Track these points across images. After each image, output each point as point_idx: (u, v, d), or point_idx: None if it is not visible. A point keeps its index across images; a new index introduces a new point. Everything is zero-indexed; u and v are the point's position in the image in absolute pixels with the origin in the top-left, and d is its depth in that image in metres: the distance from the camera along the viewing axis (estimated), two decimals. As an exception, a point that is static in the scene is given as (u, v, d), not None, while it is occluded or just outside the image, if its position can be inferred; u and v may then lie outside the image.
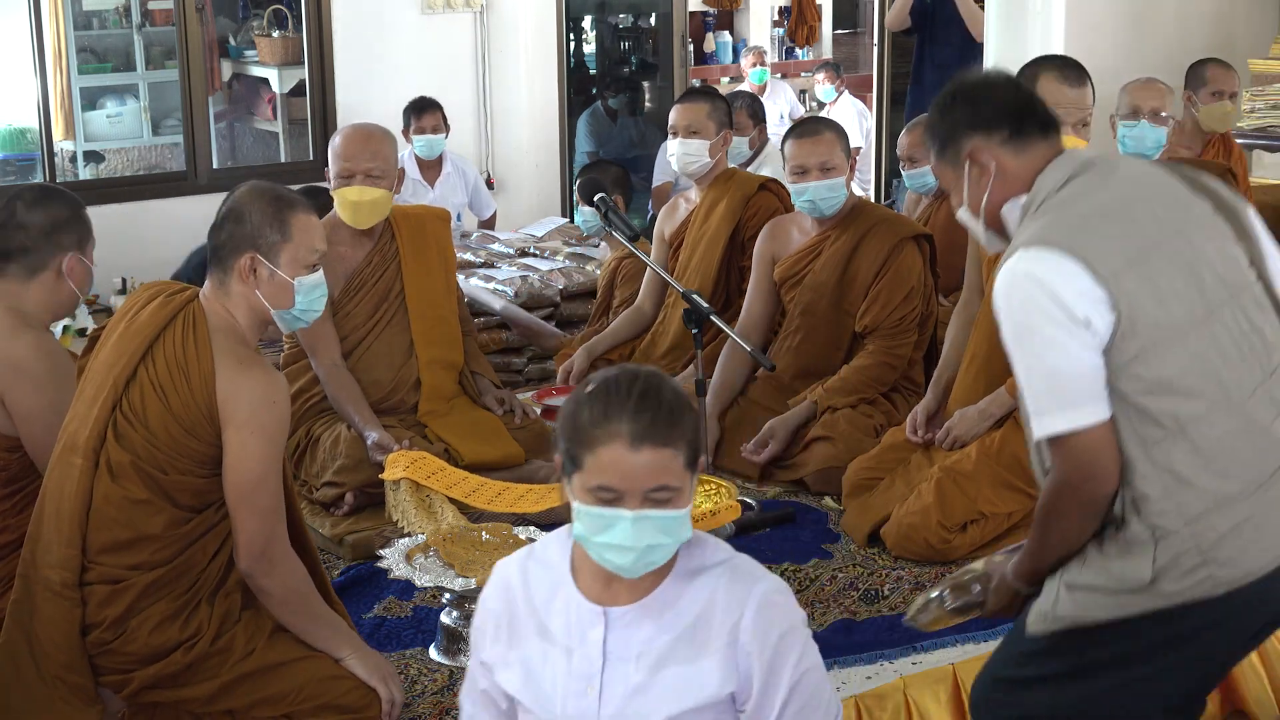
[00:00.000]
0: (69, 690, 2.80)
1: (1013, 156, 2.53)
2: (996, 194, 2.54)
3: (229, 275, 2.90)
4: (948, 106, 2.62)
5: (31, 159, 8.00)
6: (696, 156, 4.93)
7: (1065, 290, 2.31)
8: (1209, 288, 2.38)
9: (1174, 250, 2.39)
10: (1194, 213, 2.46)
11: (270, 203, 2.92)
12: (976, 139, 2.55)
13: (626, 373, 2.18)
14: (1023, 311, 2.36)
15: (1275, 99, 8.54)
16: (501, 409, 4.42)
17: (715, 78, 10.94)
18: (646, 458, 2.11)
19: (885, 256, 4.38)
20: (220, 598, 2.89)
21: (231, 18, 8.98)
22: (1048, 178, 2.49)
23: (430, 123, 6.73)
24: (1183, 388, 2.33)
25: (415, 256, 4.34)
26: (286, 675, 2.88)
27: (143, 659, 2.82)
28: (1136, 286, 2.33)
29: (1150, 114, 4.89)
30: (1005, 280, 2.38)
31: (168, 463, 2.81)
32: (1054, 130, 2.56)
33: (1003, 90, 2.60)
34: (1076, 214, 2.41)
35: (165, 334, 2.85)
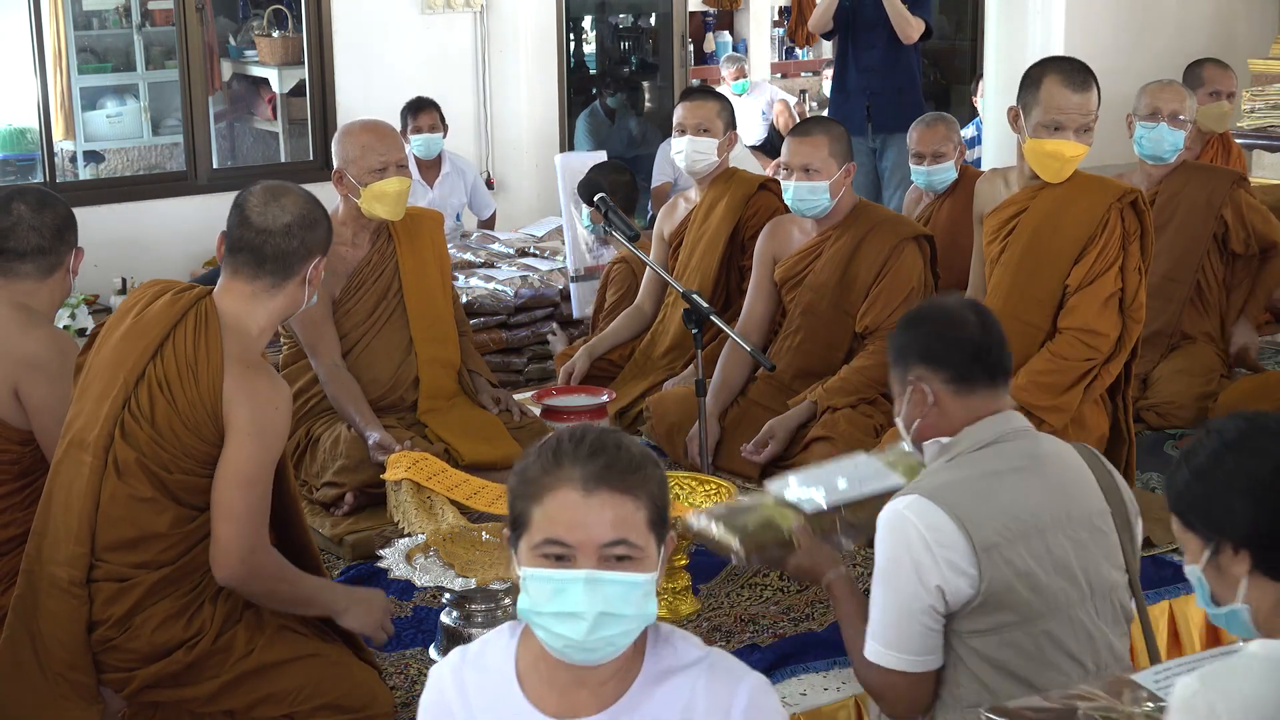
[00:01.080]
0: (71, 688, 2.80)
1: (952, 398, 2.62)
2: (928, 427, 2.66)
3: (290, 279, 2.91)
4: (914, 323, 2.70)
5: (31, 159, 8.01)
6: (706, 155, 4.93)
7: (937, 550, 2.45)
8: (1068, 585, 2.52)
9: (1053, 542, 2.52)
10: (1090, 510, 2.60)
11: (323, 209, 3.00)
12: (924, 369, 2.64)
13: (580, 426, 1.99)
14: (894, 550, 2.49)
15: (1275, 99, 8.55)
16: (498, 408, 4.42)
17: (715, 78, 10.94)
18: (601, 505, 1.86)
19: (886, 257, 4.38)
20: (223, 598, 2.89)
21: (231, 18, 8.98)
22: (975, 433, 2.59)
23: (427, 122, 6.73)
24: (1018, 670, 2.48)
25: (413, 256, 4.36)
26: (287, 674, 2.88)
27: (145, 657, 2.82)
28: (1004, 568, 2.46)
29: (1169, 117, 4.87)
30: (890, 516, 2.52)
31: (171, 462, 2.81)
32: (1003, 379, 2.65)
33: (967, 330, 2.64)
34: (979, 479, 2.53)
35: (176, 331, 2.85)
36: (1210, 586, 1.95)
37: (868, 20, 6.87)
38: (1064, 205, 3.90)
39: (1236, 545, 1.91)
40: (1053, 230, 3.90)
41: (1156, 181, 5.00)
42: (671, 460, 4.48)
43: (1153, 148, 4.91)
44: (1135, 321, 3.89)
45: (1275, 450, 1.91)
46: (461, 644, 3.22)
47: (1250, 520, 1.89)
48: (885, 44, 6.85)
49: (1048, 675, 2.48)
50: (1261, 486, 1.88)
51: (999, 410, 2.63)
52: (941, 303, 2.75)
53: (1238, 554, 1.90)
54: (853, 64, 6.97)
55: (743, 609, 3.49)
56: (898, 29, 6.71)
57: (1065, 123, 3.85)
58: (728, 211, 4.90)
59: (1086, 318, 3.83)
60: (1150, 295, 4.96)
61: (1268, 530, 1.88)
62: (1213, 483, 1.93)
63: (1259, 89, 8.64)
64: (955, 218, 5.39)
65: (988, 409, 2.62)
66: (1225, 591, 1.93)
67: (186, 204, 7.35)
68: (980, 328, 2.64)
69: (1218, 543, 1.92)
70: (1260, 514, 1.88)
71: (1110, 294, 3.85)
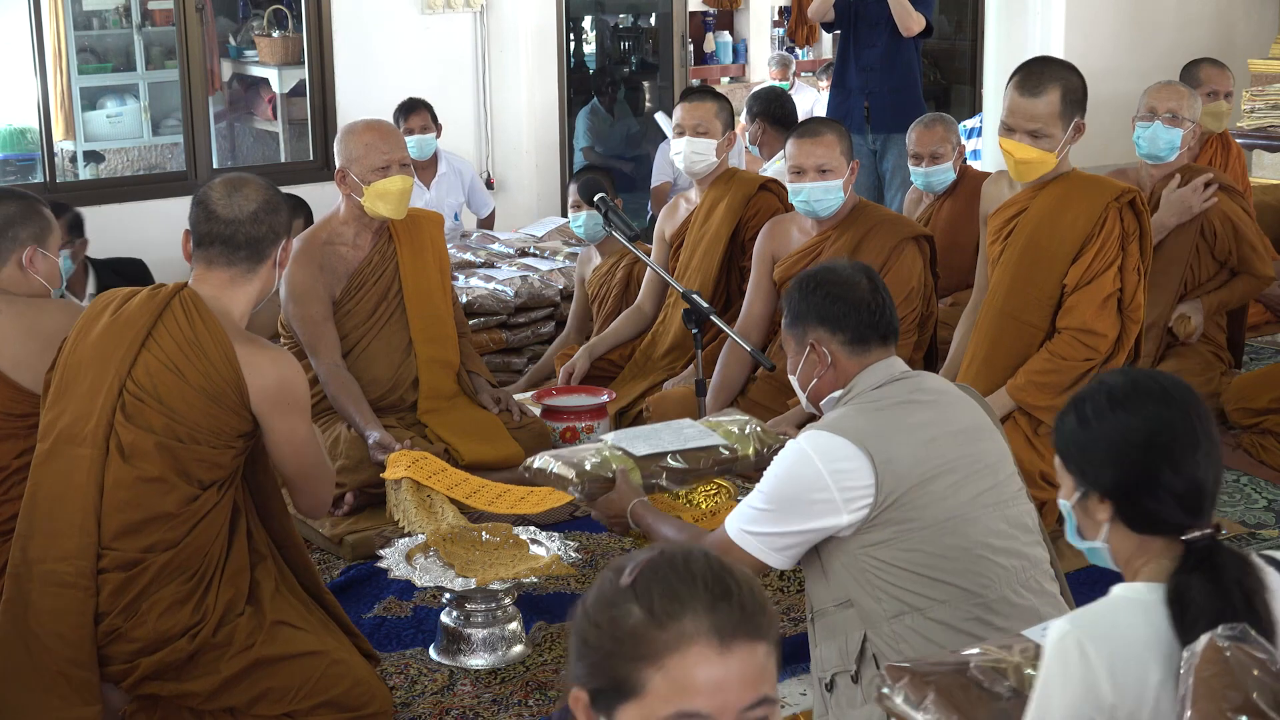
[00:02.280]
0: (71, 687, 2.81)
1: (848, 358, 2.78)
2: (825, 385, 2.81)
3: (263, 263, 3.03)
4: (811, 288, 2.82)
5: (31, 159, 8.01)
6: (704, 155, 4.93)
7: (832, 480, 2.60)
8: (966, 487, 2.65)
9: (947, 452, 2.66)
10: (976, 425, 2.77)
11: (277, 191, 3.10)
12: (822, 331, 2.78)
13: (669, 552, 1.58)
14: (790, 477, 2.65)
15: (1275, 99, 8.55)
16: (498, 408, 4.43)
17: (715, 78, 10.94)
18: (740, 661, 1.50)
19: (885, 256, 4.38)
20: (226, 582, 2.92)
21: (231, 18, 8.98)
22: (865, 378, 2.76)
23: (418, 123, 6.72)
24: (928, 571, 2.60)
25: (413, 257, 4.36)
26: (287, 671, 2.89)
27: (149, 645, 2.84)
28: (903, 479, 2.60)
29: (1165, 115, 4.86)
30: (790, 449, 2.67)
31: (188, 434, 2.87)
32: (892, 339, 2.81)
33: (861, 293, 2.78)
34: (873, 410, 2.70)
35: (164, 319, 2.92)
36: (1077, 522, 2.12)
37: (869, 18, 6.86)
38: (1062, 206, 3.90)
39: (1101, 495, 2.06)
40: (1051, 230, 3.90)
41: (1156, 181, 4.99)
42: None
43: (1149, 147, 4.91)
44: (1134, 321, 3.89)
45: (1151, 413, 2.04)
46: (462, 643, 3.25)
47: (1115, 476, 2.04)
48: (886, 43, 6.84)
49: (961, 570, 2.60)
50: (1130, 446, 2.03)
51: (885, 360, 2.79)
52: (833, 267, 2.86)
53: (1102, 502, 2.06)
54: (853, 62, 6.97)
55: (743, 609, 3.48)
56: (898, 20, 6.71)
57: (1014, 125, 3.90)
58: (728, 212, 4.90)
59: (1085, 318, 3.83)
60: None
61: (1129, 487, 2.03)
62: (1090, 434, 2.07)
63: (1259, 89, 8.64)
64: (955, 217, 5.39)
65: (878, 360, 2.78)
66: (1090, 530, 2.10)
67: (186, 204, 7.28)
68: (871, 290, 2.79)
69: (1086, 489, 2.08)
70: (1125, 472, 2.03)
71: (1109, 294, 3.85)
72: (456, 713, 3.07)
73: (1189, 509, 2.00)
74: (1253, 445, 4.52)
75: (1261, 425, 4.55)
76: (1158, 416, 2.03)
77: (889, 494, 2.59)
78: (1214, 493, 2.04)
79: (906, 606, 2.59)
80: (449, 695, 3.13)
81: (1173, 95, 4.88)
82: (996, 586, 2.62)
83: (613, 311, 5.27)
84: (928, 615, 2.59)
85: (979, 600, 2.60)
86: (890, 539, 2.60)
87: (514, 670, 3.22)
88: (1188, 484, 2.00)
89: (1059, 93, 3.86)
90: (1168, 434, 2.01)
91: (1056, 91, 3.86)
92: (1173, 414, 2.03)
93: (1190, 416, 2.03)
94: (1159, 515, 2.01)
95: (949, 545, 2.60)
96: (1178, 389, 2.07)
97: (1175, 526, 2.00)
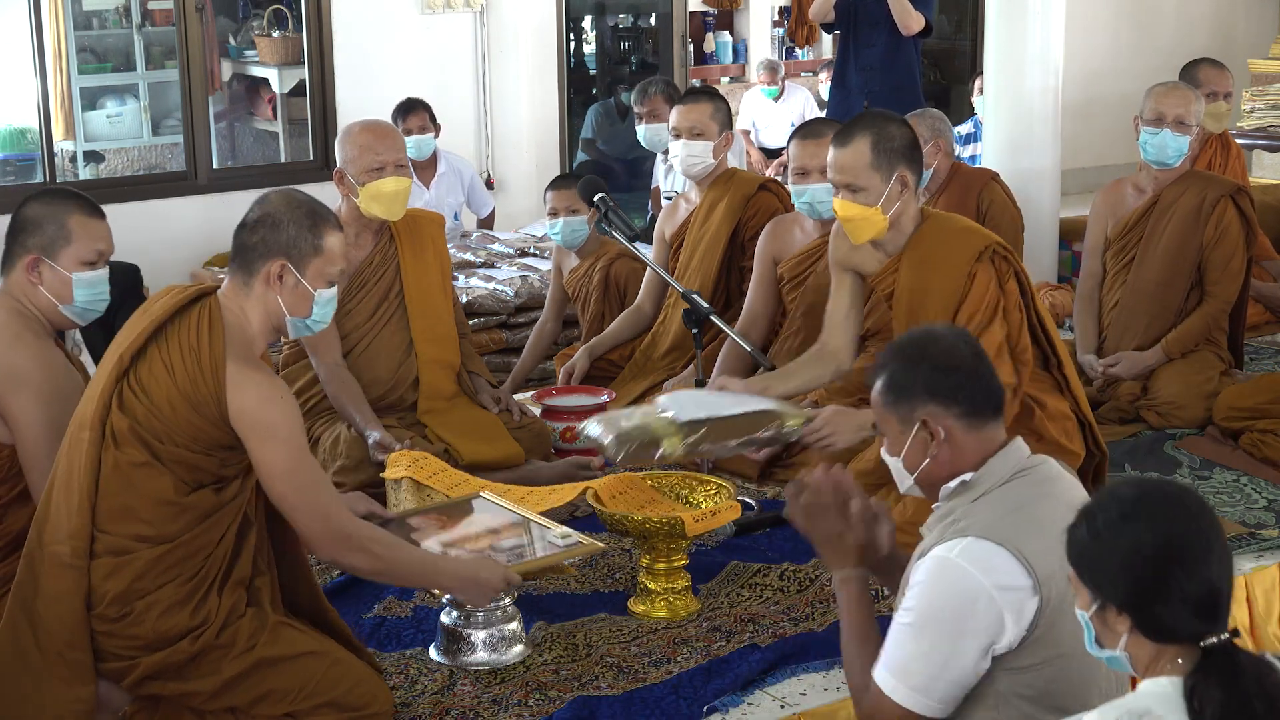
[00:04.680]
0: (67, 668, 2.82)
1: (965, 433, 2.57)
2: (940, 466, 2.58)
3: (254, 277, 2.97)
4: (912, 359, 2.60)
5: (31, 159, 8.02)
6: (701, 158, 4.92)
7: (998, 594, 2.41)
8: None
9: None
10: None
11: (307, 215, 3.00)
12: (934, 406, 2.57)
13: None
14: (947, 599, 2.44)
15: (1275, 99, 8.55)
16: (498, 408, 4.43)
17: (715, 78, 10.93)
18: None
19: None
20: (229, 590, 2.91)
21: (231, 18, 8.99)
22: (995, 467, 2.56)
23: (416, 123, 6.72)
24: (1061, 702, 2.44)
25: (414, 257, 4.37)
26: (289, 671, 2.89)
27: (149, 644, 2.84)
28: (1063, 596, 2.40)
29: (1174, 122, 4.82)
30: (940, 564, 2.45)
31: (164, 433, 2.86)
32: (1002, 410, 2.61)
33: (968, 362, 2.59)
34: (1020, 511, 2.50)
35: (180, 318, 2.91)
36: (1096, 632, 2.12)
37: (870, 18, 6.86)
38: (927, 266, 3.75)
39: (1119, 608, 2.07)
40: (923, 298, 3.76)
41: (1162, 185, 4.98)
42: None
43: (1156, 153, 4.89)
44: (1024, 364, 3.73)
45: (1161, 525, 2.04)
46: (462, 643, 3.25)
47: (1130, 589, 2.05)
48: (886, 42, 6.85)
49: (1088, 701, 2.44)
50: (1142, 559, 2.03)
51: (1006, 440, 2.61)
52: (934, 334, 2.65)
53: (1120, 615, 2.07)
54: (853, 62, 6.97)
55: (743, 609, 3.49)
56: (898, 19, 6.71)
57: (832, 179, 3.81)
58: (728, 212, 4.90)
59: None
60: (1146, 301, 4.98)
61: (1145, 600, 2.03)
62: (1102, 547, 2.08)
63: (1259, 89, 8.64)
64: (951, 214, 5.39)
65: (997, 440, 2.59)
66: (1108, 640, 2.11)
67: (186, 204, 7.36)
68: (976, 357, 2.61)
69: (1103, 601, 2.09)
70: (1139, 585, 2.04)
71: (998, 345, 3.66)
72: (456, 713, 3.07)
73: (1205, 616, 2.01)
74: (1253, 445, 4.52)
75: (1258, 425, 4.54)
76: (1168, 528, 2.03)
77: (1050, 615, 2.42)
78: (1229, 595, 2.05)
79: None
80: (449, 695, 3.14)
81: (1181, 101, 4.84)
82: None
83: (597, 313, 5.27)
84: None
85: None
86: (1036, 664, 2.44)
87: (514, 670, 3.22)
88: (1202, 592, 2.01)
89: (868, 142, 3.71)
90: (1179, 544, 2.02)
91: (865, 141, 3.71)
92: (1184, 524, 2.03)
93: (1200, 524, 2.04)
94: (1176, 625, 2.02)
95: (1077, 672, 2.45)
96: (1186, 497, 2.08)
97: (1192, 634, 2.01)
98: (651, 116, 6.05)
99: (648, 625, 3.40)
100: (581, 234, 5.24)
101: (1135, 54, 9.74)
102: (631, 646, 3.31)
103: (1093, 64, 9.60)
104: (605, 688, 3.13)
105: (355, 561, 2.98)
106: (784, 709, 3.08)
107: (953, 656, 2.43)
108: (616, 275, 5.26)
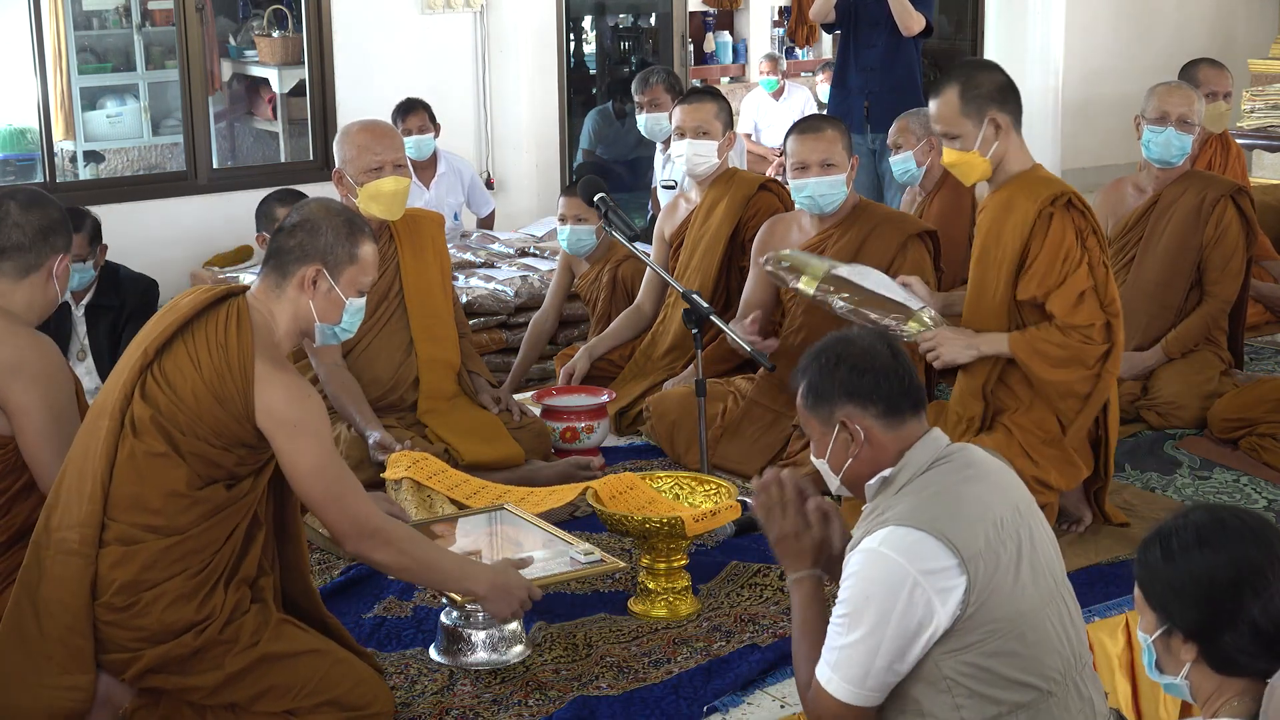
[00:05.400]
0: (67, 654, 2.83)
1: (884, 431, 2.61)
2: (862, 464, 2.63)
3: (287, 280, 2.99)
4: (830, 366, 2.63)
5: (31, 159, 8.02)
6: (706, 157, 4.92)
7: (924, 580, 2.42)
8: (1038, 581, 2.52)
9: (1015, 538, 2.51)
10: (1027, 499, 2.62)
11: (345, 224, 3.03)
12: (852, 407, 2.61)
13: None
14: (873, 590, 2.45)
15: (1275, 99, 8.55)
16: (498, 408, 4.43)
17: (715, 78, 10.94)
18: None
19: (893, 255, 4.36)
20: (234, 586, 2.92)
21: (231, 18, 8.99)
22: (914, 456, 2.59)
23: (416, 123, 6.72)
24: (1008, 673, 2.45)
25: (414, 257, 4.37)
26: (290, 668, 2.90)
27: (154, 636, 2.84)
28: (990, 574, 2.44)
29: (1178, 121, 4.82)
30: (866, 556, 2.47)
31: (187, 425, 2.87)
32: (923, 407, 2.65)
33: (884, 362, 2.62)
34: (941, 496, 2.52)
35: (208, 315, 2.93)
36: (1157, 656, 2.09)
37: (870, 18, 6.86)
38: (1005, 210, 3.79)
39: (1185, 635, 2.04)
40: (997, 237, 3.79)
41: (1163, 185, 4.98)
42: (671, 460, 4.49)
43: (1160, 152, 4.88)
44: (1114, 315, 3.76)
45: (1238, 554, 2.02)
46: (462, 643, 3.25)
47: (1200, 617, 2.02)
48: (886, 43, 6.85)
49: (1041, 667, 2.48)
50: (1216, 588, 2.01)
51: (925, 433, 2.64)
52: (848, 337, 2.68)
53: (1186, 643, 2.04)
54: (853, 62, 6.97)
55: (743, 609, 3.49)
56: (899, 20, 6.71)
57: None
58: (728, 212, 4.90)
59: (1062, 318, 3.69)
60: (1146, 300, 4.97)
61: (1215, 629, 2.01)
62: (1176, 571, 2.05)
63: (1259, 89, 8.64)
64: (946, 212, 5.42)
65: (916, 435, 2.62)
66: (1170, 666, 2.08)
67: (186, 204, 7.36)
68: (893, 357, 2.63)
69: (1169, 626, 2.06)
70: (1210, 614, 2.01)
71: (1081, 290, 3.71)
72: (456, 713, 3.07)
73: (1275, 651, 1.99)
74: (1253, 447, 4.52)
75: (1256, 430, 4.54)
76: (1245, 557, 2.01)
77: (979, 593, 2.43)
78: None
79: (987, 715, 2.45)
80: (449, 695, 3.14)
81: (1184, 100, 4.84)
82: (1065, 681, 2.50)
83: (604, 313, 5.27)
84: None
85: (1054, 699, 2.48)
86: (975, 642, 2.44)
87: (514, 670, 3.22)
88: (1274, 625, 1.98)
89: (955, 90, 3.79)
90: (1255, 576, 2.00)
91: (954, 89, 3.80)
92: (1260, 553, 2.02)
93: (1276, 555, 2.02)
94: (1243, 658, 1.99)
95: (1029, 642, 2.47)
96: (1262, 526, 2.06)
97: (1259, 670, 1.99)
98: (652, 106, 6.06)
99: (647, 625, 3.40)
100: (589, 243, 5.24)
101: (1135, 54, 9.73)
102: (631, 646, 3.31)
103: (1093, 64, 9.60)
104: (605, 688, 3.13)
105: (382, 557, 2.97)
106: (784, 709, 3.08)
107: (883, 644, 2.44)
108: (624, 276, 5.26)
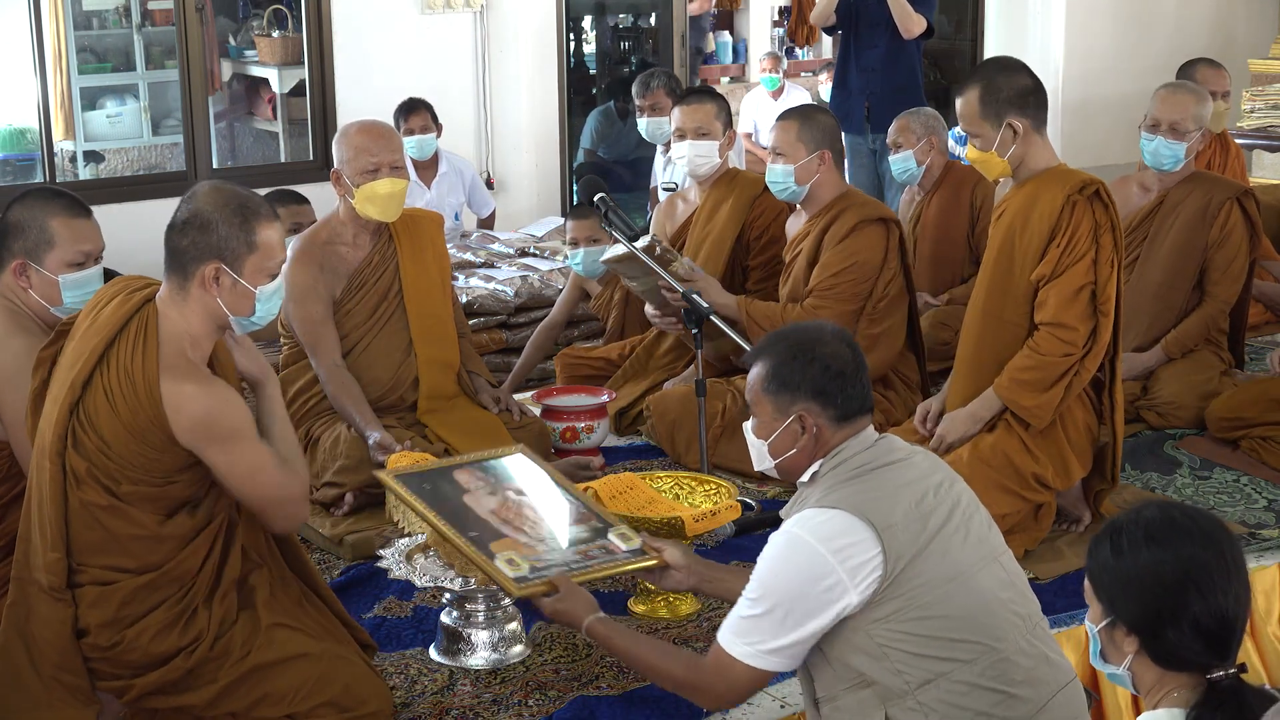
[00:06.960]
0: (66, 691, 2.81)
1: (833, 432, 2.69)
2: (802, 455, 2.71)
3: (189, 281, 2.85)
4: (804, 360, 2.69)
5: (31, 159, 8.01)
6: (708, 158, 4.92)
7: (835, 559, 2.50)
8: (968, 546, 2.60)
9: (940, 508, 2.61)
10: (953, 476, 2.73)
11: (236, 212, 2.86)
12: (812, 404, 2.68)
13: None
14: (791, 572, 2.54)
15: (1275, 99, 8.54)
16: (498, 408, 4.43)
17: (715, 78, 10.94)
18: None
19: (844, 234, 4.42)
20: (217, 602, 2.90)
21: (231, 18, 8.99)
22: (844, 450, 2.68)
23: (418, 123, 6.72)
24: (948, 633, 2.52)
25: (413, 257, 4.36)
26: (285, 673, 2.89)
27: (144, 667, 2.83)
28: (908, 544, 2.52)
29: (1169, 129, 4.78)
30: (785, 539, 2.57)
31: (119, 472, 2.79)
32: (870, 412, 2.73)
33: (848, 365, 2.70)
34: (860, 478, 2.62)
35: (120, 338, 2.82)
36: (1102, 646, 2.15)
37: (870, 19, 6.86)
38: (1031, 202, 3.82)
39: (1129, 628, 2.09)
40: (1022, 227, 3.82)
41: (1168, 185, 4.97)
42: (671, 460, 4.49)
43: (1152, 159, 4.88)
44: (1105, 315, 3.78)
45: (1185, 552, 2.06)
46: (462, 643, 3.25)
47: (1144, 611, 2.08)
48: (887, 44, 6.85)
49: (978, 626, 2.54)
50: (1161, 584, 2.05)
51: (860, 431, 2.72)
52: (820, 337, 2.73)
53: (1129, 635, 2.09)
54: (854, 63, 6.97)
55: (743, 609, 3.48)
56: (899, 22, 6.71)
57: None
58: (733, 213, 4.89)
59: (1055, 311, 3.74)
60: (1148, 301, 4.97)
61: (1157, 624, 2.05)
62: (1123, 566, 2.10)
63: (1259, 89, 8.64)
64: (944, 212, 5.42)
65: (855, 433, 2.71)
66: (1114, 656, 2.14)
67: (186, 204, 7.34)
68: (856, 363, 2.71)
69: (1114, 619, 2.11)
70: (1154, 609, 2.06)
71: (1081, 285, 3.74)
72: (456, 713, 3.07)
73: (1216, 649, 2.02)
74: (1253, 448, 4.51)
75: (1255, 432, 4.54)
76: (1192, 556, 2.05)
77: (896, 561, 2.51)
78: (1242, 630, 2.06)
79: (932, 674, 2.51)
80: (449, 695, 3.14)
81: (1176, 107, 4.78)
82: (1011, 638, 2.56)
83: (618, 320, 5.28)
84: (953, 679, 2.52)
85: (999, 655, 2.53)
86: (903, 608, 2.52)
87: (514, 670, 3.22)
88: (1215, 623, 2.02)
89: (976, 93, 3.80)
90: (1200, 574, 2.03)
91: (975, 91, 3.81)
92: (1207, 553, 2.05)
93: (1224, 556, 2.05)
94: (1185, 653, 2.03)
95: (962, 604, 2.54)
96: (1212, 526, 2.09)
97: (1200, 665, 2.03)
98: (653, 109, 6.06)
99: (648, 625, 3.40)
100: (603, 266, 5.24)
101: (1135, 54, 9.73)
102: (631, 646, 3.31)
103: (1093, 64, 9.59)
104: (605, 688, 3.13)
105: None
106: (784, 709, 3.08)
107: (788, 617, 2.53)
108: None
